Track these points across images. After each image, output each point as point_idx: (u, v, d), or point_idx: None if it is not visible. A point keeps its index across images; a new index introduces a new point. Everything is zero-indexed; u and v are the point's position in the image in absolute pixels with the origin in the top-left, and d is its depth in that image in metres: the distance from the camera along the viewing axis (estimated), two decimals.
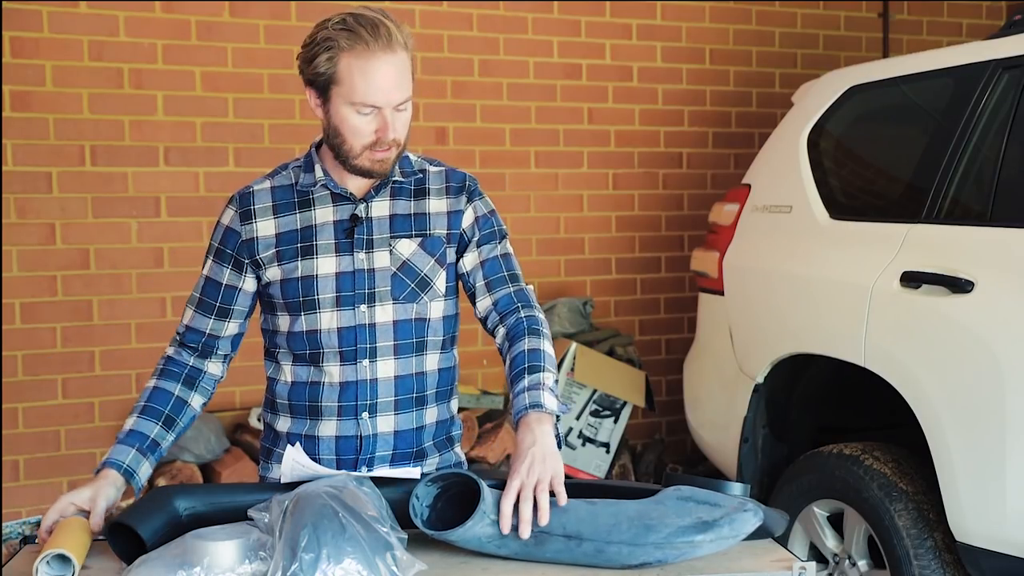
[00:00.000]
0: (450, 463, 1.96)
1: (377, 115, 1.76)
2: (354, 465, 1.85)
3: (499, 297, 1.90)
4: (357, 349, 1.84)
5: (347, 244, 1.85)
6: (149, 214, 4.09)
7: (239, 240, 1.88)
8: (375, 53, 1.72)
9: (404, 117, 1.80)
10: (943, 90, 3.02)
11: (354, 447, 1.86)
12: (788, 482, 3.13)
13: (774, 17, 5.08)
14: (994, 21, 5.43)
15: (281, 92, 4.21)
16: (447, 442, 1.96)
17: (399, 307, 1.85)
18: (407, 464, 1.88)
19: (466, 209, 1.91)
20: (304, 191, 1.88)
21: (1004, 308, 2.53)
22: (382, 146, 1.78)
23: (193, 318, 1.92)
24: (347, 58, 1.72)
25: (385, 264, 1.85)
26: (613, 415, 4.31)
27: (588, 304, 4.62)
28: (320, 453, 1.86)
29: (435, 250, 1.87)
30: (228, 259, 1.89)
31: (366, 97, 1.74)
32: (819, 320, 3.08)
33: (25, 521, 3.74)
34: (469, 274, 1.91)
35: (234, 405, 4.25)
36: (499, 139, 4.60)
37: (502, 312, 1.89)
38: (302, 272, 1.85)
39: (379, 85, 1.73)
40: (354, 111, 1.76)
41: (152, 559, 1.44)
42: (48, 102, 3.94)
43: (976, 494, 2.55)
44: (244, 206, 1.89)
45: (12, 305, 3.90)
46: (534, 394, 1.73)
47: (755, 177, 3.58)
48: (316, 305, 1.84)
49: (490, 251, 1.92)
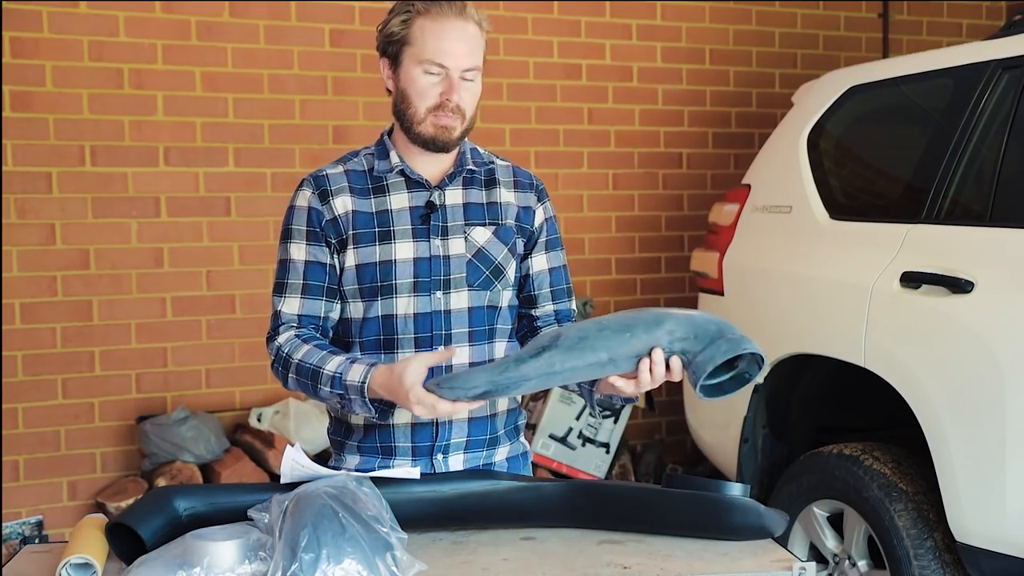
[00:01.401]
0: (519, 452, 1.98)
1: (444, 78, 1.80)
2: (430, 452, 1.87)
3: (561, 308, 1.98)
4: (432, 335, 1.85)
5: (423, 230, 1.86)
6: (149, 214, 4.09)
7: (324, 219, 1.86)
8: (448, 17, 1.79)
9: (472, 88, 1.83)
10: (943, 90, 3.02)
11: (430, 435, 1.87)
12: (788, 482, 3.13)
13: (774, 17, 5.08)
14: (994, 21, 5.43)
15: (281, 92, 4.21)
16: (515, 431, 1.98)
17: (474, 294, 1.87)
18: (481, 452, 1.90)
19: (537, 208, 1.96)
20: (379, 177, 1.89)
21: (1004, 308, 2.53)
22: (445, 110, 1.81)
23: (303, 305, 1.86)
24: (421, 20, 1.80)
25: (460, 251, 1.87)
26: (613, 415, 4.31)
27: (588, 304, 4.62)
28: (396, 441, 1.87)
29: (508, 239, 1.90)
30: (320, 238, 1.86)
31: (435, 55, 1.79)
32: (819, 320, 3.09)
33: (25, 521, 3.75)
34: (535, 276, 1.96)
35: (234, 405, 4.25)
36: (499, 139, 4.60)
37: (560, 320, 1.98)
38: (380, 257, 1.85)
39: (448, 46, 1.79)
40: (422, 71, 1.80)
41: (152, 559, 1.44)
42: (48, 102, 3.94)
43: (976, 494, 2.55)
44: (320, 187, 1.87)
45: (12, 305, 3.90)
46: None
47: (755, 177, 3.58)
48: (393, 290, 1.85)
49: (557, 259, 1.99)
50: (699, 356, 1.61)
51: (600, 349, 1.62)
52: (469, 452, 1.89)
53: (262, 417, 4.07)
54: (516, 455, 1.97)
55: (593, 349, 1.62)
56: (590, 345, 1.62)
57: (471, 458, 1.90)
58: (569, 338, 1.64)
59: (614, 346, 1.63)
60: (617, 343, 1.63)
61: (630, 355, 1.63)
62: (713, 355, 1.59)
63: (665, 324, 1.64)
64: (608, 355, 1.62)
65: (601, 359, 1.63)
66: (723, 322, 1.66)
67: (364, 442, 1.90)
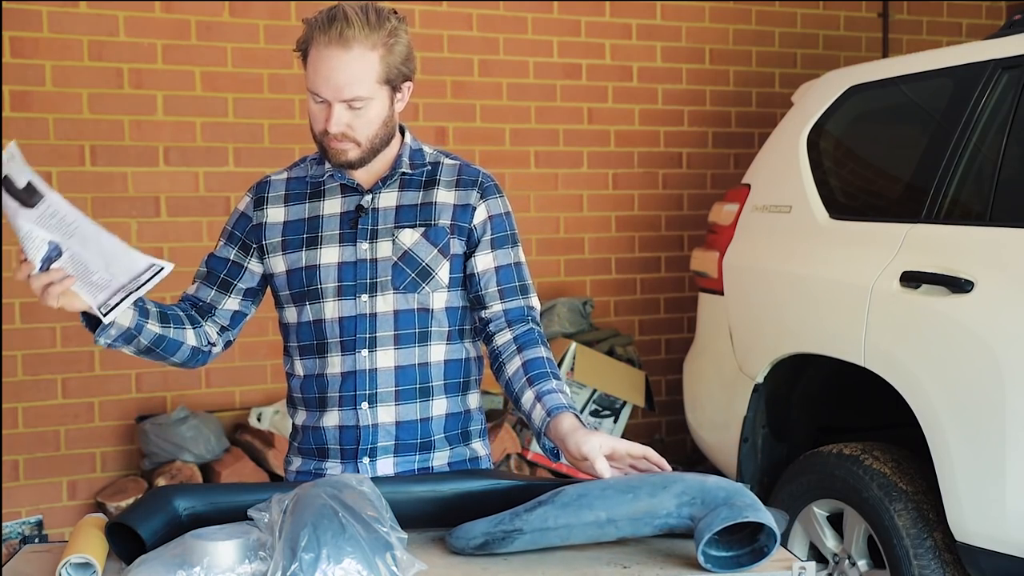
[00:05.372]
0: (463, 458, 1.94)
1: (327, 105, 1.80)
2: (355, 455, 1.87)
3: (511, 307, 1.90)
4: (356, 339, 1.86)
5: (351, 234, 1.87)
6: (149, 214, 4.09)
7: (249, 224, 1.93)
8: (327, 46, 1.77)
9: (362, 115, 1.80)
10: (943, 90, 3.02)
11: (354, 437, 1.87)
12: (788, 482, 3.13)
13: (774, 17, 5.09)
14: (994, 21, 5.43)
15: (281, 92, 4.21)
16: (461, 436, 1.94)
17: (400, 297, 1.86)
18: (413, 455, 1.89)
19: (478, 205, 1.90)
20: (316, 182, 1.92)
21: (1004, 308, 2.53)
22: (329, 137, 1.81)
23: (198, 289, 1.97)
24: (312, 47, 1.80)
25: (387, 254, 1.86)
26: (613, 415, 4.31)
27: (588, 304, 4.62)
28: (327, 443, 1.89)
29: (438, 240, 1.87)
30: (237, 241, 1.95)
31: (314, 86, 1.79)
32: (819, 320, 3.09)
33: (25, 521, 3.75)
34: (480, 275, 1.90)
35: (234, 405, 4.25)
36: (499, 139, 4.60)
37: (512, 320, 1.90)
38: (306, 262, 1.87)
39: (324, 76, 1.77)
40: (311, 98, 1.82)
41: (152, 559, 1.44)
42: (48, 102, 3.94)
43: (976, 494, 2.55)
44: (259, 193, 1.95)
45: (12, 305, 3.90)
46: (568, 398, 1.80)
47: (755, 177, 3.58)
48: (320, 295, 1.87)
49: (505, 257, 1.92)
50: (701, 522, 1.51)
51: (599, 508, 1.55)
52: (399, 456, 1.87)
53: (262, 417, 4.07)
54: (460, 461, 1.93)
55: (591, 508, 1.55)
56: (588, 504, 1.56)
57: (402, 462, 1.88)
58: (567, 494, 1.58)
59: (614, 506, 1.55)
60: (618, 503, 1.56)
61: (632, 517, 1.55)
62: (712, 522, 1.49)
63: (672, 487, 1.56)
64: (607, 515, 1.55)
65: (600, 518, 1.55)
66: (735, 488, 1.57)
67: (303, 443, 1.93)
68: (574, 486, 1.62)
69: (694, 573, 1.52)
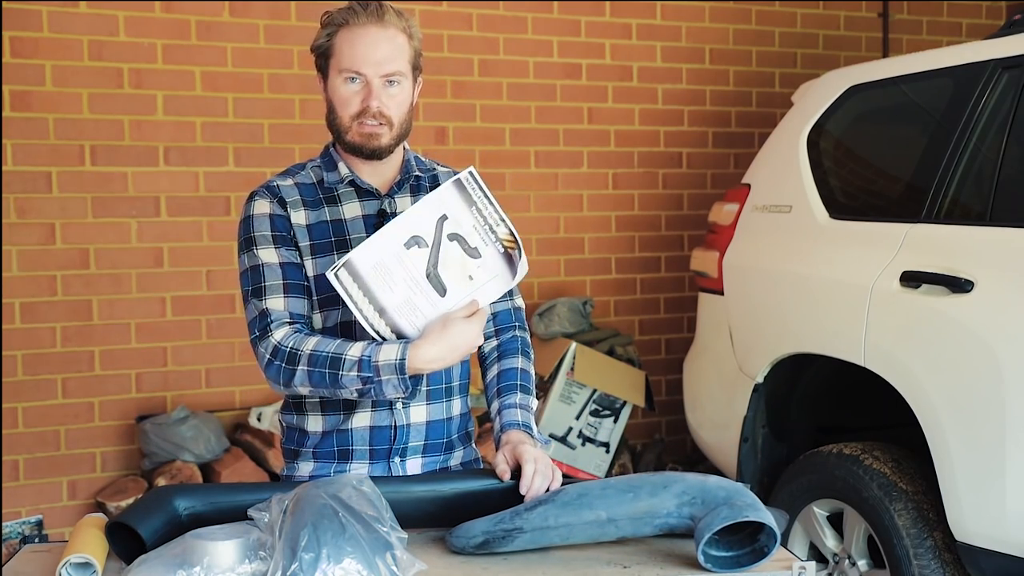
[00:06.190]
0: (471, 458, 1.99)
1: (364, 85, 1.81)
2: (388, 455, 1.87)
3: (498, 310, 1.98)
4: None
5: None
6: (149, 214, 4.09)
7: (289, 222, 1.85)
8: (364, 24, 1.81)
9: (397, 95, 1.83)
10: (943, 90, 3.02)
11: (388, 437, 1.87)
12: (788, 482, 3.13)
13: (774, 17, 5.09)
14: (994, 21, 5.43)
15: (281, 92, 4.21)
16: (466, 437, 1.99)
17: None
18: (438, 456, 1.91)
19: None
20: (329, 188, 1.90)
21: (1004, 308, 2.53)
22: (368, 116, 1.81)
23: (289, 303, 1.81)
24: (341, 31, 1.82)
25: None
26: (613, 415, 4.31)
27: (588, 304, 4.62)
28: (354, 445, 1.87)
29: None
30: (289, 242, 1.84)
31: (352, 63, 1.80)
32: (819, 320, 3.08)
33: (25, 521, 3.75)
34: None
35: (234, 405, 4.25)
36: (499, 139, 4.60)
37: (498, 326, 1.98)
38: None
39: (364, 52, 1.80)
40: (343, 79, 1.82)
41: (152, 559, 1.44)
42: (48, 102, 3.94)
43: (976, 494, 2.55)
44: (276, 195, 1.87)
45: (12, 305, 3.90)
46: (525, 414, 1.87)
47: (755, 177, 3.58)
48: None
49: None
50: (701, 522, 1.53)
51: (599, 507, 1.57)
52: (427, 456, 1.90)
53: (262, 417, 4.07)
54: (469, 460, 1.98)
55: (591, 507, 1.57)
56: (588, 503, 1.57)
57: (428, 462, 1.90)
58: (568, 494, 1.60)
59: (615, 505, 1.57)
60: (618, 502, 1.57)
61: (632, 516, 1.57)
62: (712, 522, 1.51)
63: (672, 487, 1.58)
64: (607, 514, 1.57)
65: (600, 518, 1.57)
66: (736, 488, 1.58)
67: (320, 447, 1.89)
68: (574, 485, 1.62)
69: (694, 573, 1.52)
